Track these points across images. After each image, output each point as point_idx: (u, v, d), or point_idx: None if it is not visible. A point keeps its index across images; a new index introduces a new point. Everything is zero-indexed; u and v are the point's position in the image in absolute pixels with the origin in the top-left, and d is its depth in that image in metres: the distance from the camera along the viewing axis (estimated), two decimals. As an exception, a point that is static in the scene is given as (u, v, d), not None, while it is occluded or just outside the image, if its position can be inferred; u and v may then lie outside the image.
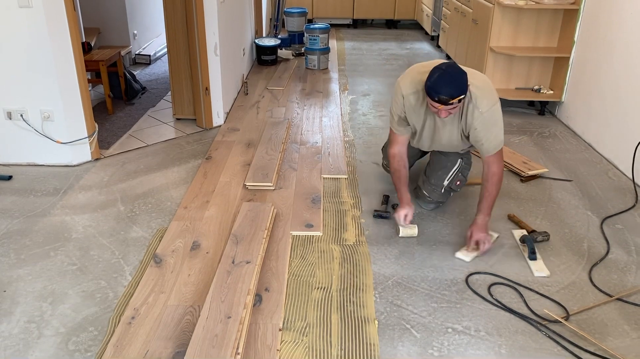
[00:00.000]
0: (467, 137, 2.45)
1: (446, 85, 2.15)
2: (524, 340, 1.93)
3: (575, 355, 1.86)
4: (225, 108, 4.02)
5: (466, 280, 2.24)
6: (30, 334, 1.92)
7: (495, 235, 2.54)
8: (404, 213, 2.49)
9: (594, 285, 2.23)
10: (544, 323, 2.00)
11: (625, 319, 2.05)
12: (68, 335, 1.92)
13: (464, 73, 2.20)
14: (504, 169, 3.23)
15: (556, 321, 2.00)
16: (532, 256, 2.36)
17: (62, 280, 2.22)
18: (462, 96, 2.18)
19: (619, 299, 2.15)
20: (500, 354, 1.87)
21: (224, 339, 1.79)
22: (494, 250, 2.44)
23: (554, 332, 1.96)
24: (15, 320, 1.99)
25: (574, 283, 2.25)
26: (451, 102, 2.17)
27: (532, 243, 2.40)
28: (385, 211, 2.72)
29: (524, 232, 2.56)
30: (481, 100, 2.29)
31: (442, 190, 2.70)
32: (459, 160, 2.68)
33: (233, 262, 2.21)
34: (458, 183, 2.71)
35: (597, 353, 1.87)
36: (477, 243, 2.39)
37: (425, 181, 2.74)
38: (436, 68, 2.21)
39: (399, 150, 2.57)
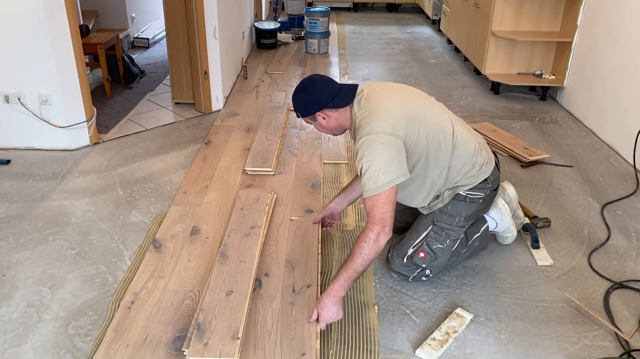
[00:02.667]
0: None
1: (293, 96, 2.03)
2: (523, 326, 1.94)
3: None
4: (224, 93, 3.99)
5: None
6: (29, 318, 1.92)
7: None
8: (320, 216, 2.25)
9: (594, 271, 2.23)
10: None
11: (625, 305, 2.05)
12: (68, 319, 1.92)
13: (307, 95, 1.97)
14: (505, 155, 3.23)
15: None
16: (535, 244, 2.35)
17: (61, 264, 2.21)
18: (298, 114, 2.01)
19: (619, 284, 2.15)
20: (500, 340, 1.87)
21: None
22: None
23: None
24: (14, 304, 1.99)
25: (574, 269, 2.25)
26: (297, 115, 2.03)
27: (535, 231, 2.38)
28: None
29: (526, 219, 2.55)
30: (361, 127, 1.89)
31: (404, 260, 2.09)
32: (430, 226, 2.09)
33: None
34: (422, 255, 2.06)
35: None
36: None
37: (394, 245, 2.18)
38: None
39: None
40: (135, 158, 3.14)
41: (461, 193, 2.04)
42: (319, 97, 1.96)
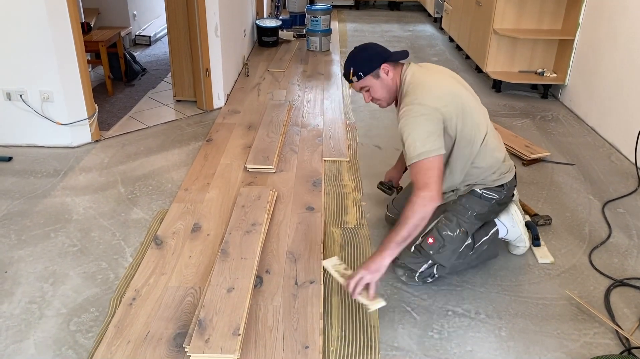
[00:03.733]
0: None
1: (346, 61, 2.05)
2: (524, 323, 1.94)
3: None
4: (225, 90, 3.99)
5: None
6: (31, 314, 1.93)
7: (372, 306, 1.84)
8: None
9: (595, 268, 2.23)
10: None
11: (625, 303, 2.05)
12: (69, 316, 1.92)
13: (369, 51, 2.02)
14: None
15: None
16: (536, 242, 2.35)
17: (63, 261, 2.22)
18: (353, 75, 2.00)
19: (620, 282, 2.15)
20: (500, 337, 1.87)
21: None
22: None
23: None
24: (16, 301, 1.99)
25: (574, 267, 2.25)
26: (349, 79, 2.04)
27: (536, 229, 2.38)
28: (389, 187, 2.55)
29: (527, 218, 2.55)
30: (407, 93, 1.94)
31: (412, 249, 2.05)
32: (441, 214, 2.08)
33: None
34: (431, 241, 2.02)
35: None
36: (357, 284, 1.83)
37: None
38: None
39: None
40: (136, 156, 3.15)
41: (477, 190, 2.07)
42: (381, 51, 2.04)
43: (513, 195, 2.21)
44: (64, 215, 2.54)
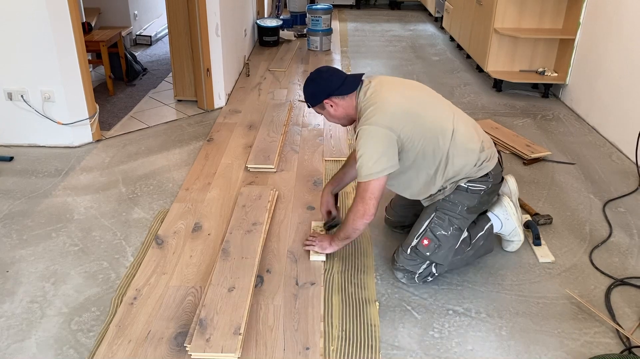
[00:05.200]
0: None
1: (303, 87, 2.17)
2: (524, 322, 1.94)
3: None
4: (226, 90, 3.99)
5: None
6: (33, 314, 1.93)
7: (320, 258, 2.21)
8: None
9: (596, 268, 2.23)
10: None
11: (626, 302, 2.05)
12: (71, 315, 1.93)
13: (314, 84, 2.11)
14: (507, 152, 3.23)
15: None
16: (537, 241, 2.35)
17: (64, 260, 2.22)
18: (307, 102, 2.14)
19: (621, 281, 2.15)
20: (501, 336, 1.88)
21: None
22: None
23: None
24: (18, 300, 2.00)
25: (575, 266, 2.25)
26: (307, 105, 2.16)
27: (537, 229, 2.38)
28: (333, 224, 2.40)
29: (528, 217, 2.55)
30: (363, 115, 2.00)
31: (409, 251, 2.09)
32: (433, 214, 2.09)
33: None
34: (425, 243, 2.05)
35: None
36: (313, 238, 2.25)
37: (399, 245, 2.19)
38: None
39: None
40: (137, 155, 3.15)
41: (462, 184, 2.05)
42: (326, 85, 2.08)
43: (502, 179, 2.19)
44: (65, 214, 2.55)
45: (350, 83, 2.08)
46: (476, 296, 2.07)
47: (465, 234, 2.12)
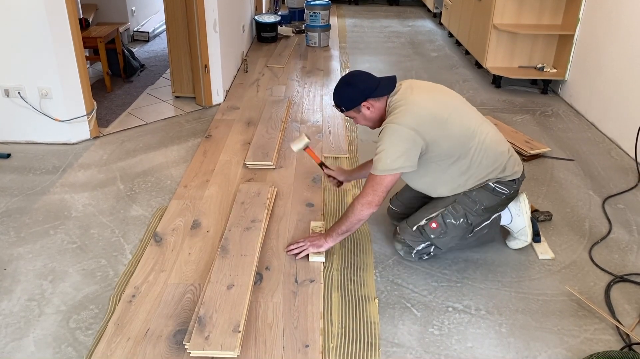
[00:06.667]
0: None
1: (334, 91, 2.18)
2: (524, 319, 1.94)
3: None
4: (224, 86, 3.98)
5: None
6: (31, 312, 1.92)
7: (319, 259, 2.18)
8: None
9: (595, 264, 2.23)
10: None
11: (626, 298, 2.05)
12: (69, 313, 1.92)
13: (352, 87, 2.11)
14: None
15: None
16: (537, 238, 2.35)
17: (62, 258, 2.21)
18: (342, 107, 2.14)
19: (620, 278, 2.15)
20: (501, 333, 1.87)
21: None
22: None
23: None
24: (16, 298, 1.99)
25: (575, 263, 2.25)
26: (339, 109, 2.17)
27: (537, 225, 2.38)
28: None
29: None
30: (390, 115, 2.05)
31: (414, 228, 2.15)
32: (450, 204, 2.13)
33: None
34: (434, 226, 2.11)
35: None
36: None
37: (404, 220, 2.27)
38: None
39: None
40: (135, 152, 3.14)
41: (490, 184, 2.11)
42: (364, 87, 2.09)
43: (518, 190, 2.25)
44: (63, 212, 2.53)
45: (385, 86, 2.11)
46: (476, 293, 2.06)
47: (475, 223, 2.17)
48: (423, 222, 2.14)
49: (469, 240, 2.21)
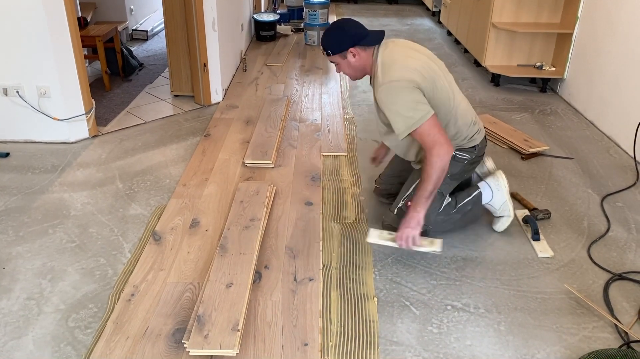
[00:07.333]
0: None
1: (324, 35, 2.18)
2: (523, 317, 1.94)
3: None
4: (223, 85, 3.98)
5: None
6: (30, 310, 1.92)
7: (432, 249, 2.13)
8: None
9: (594, 262, 2.23)
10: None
11: (624, 296, 2.05)
12: (68, 312, 1.92)
13: (341, 31, 2.12)
14: (505, 147, 3.22)
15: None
16: (536, 236, 2.35)
17: (61, 257, 2.21)
18: (329, 50, 2.14)
19: (619, 276, 2.15)
20: (499, 331, 1.88)
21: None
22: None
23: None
24: (14, 297, 1.99)
25: (573, 261, 2.25)
26: (325, 53, 2.17)
27: (536, 224, 2.38)
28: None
29: (526, 212, 2.55)
30: (381, 73, 2.06)
31: (395, 211, 2.24)
32: (419, 178, 2.15)
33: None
34: (410, 204, 2.13)
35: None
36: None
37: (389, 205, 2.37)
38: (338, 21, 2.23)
39: None
40: (134, 151, 3.14)
41: None
42: (353, 34, 2.12)
43: (483, 154, 2.34)
44: (62, 211, 2.53)
45: (374, 36, 2.14)
46: (474, 292, 2.06)
47: (449, 199, 2.27)
48: (401, 204, 2.25)
49: (453, 216, 2.29)
